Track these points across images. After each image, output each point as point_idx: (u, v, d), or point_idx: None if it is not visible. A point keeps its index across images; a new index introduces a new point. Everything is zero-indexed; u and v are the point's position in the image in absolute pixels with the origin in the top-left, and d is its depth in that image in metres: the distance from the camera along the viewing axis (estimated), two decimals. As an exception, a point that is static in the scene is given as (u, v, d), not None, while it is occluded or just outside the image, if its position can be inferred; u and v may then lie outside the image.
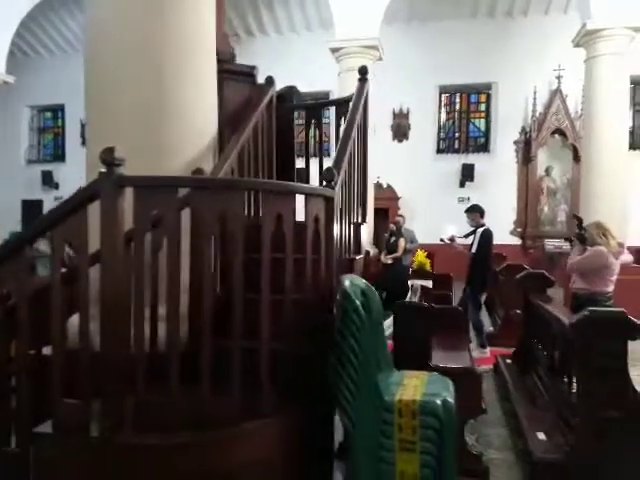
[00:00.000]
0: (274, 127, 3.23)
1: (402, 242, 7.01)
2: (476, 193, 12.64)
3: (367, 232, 3.22)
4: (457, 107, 13.48)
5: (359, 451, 1.95)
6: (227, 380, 1.82)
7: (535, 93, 12.11)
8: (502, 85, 12.61)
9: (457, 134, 13.49)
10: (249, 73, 3.26)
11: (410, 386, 2.10)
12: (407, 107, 13.12)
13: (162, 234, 1.77)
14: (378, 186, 12.78)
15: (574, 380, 3.25)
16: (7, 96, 12.61)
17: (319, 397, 1.99)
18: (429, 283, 5.40)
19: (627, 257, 8.29)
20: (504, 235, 11.94)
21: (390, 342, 2.85)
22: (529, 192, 12.35)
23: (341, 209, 2.51)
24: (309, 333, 2.01)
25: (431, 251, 11.31)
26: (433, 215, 12.71)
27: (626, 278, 7.15)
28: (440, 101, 13.44)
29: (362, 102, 3.12)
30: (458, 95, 13.44)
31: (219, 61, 3.22)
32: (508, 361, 4.90)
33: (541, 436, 3.18)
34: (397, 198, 12.86)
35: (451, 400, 1.95)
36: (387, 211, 12.69)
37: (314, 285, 2.05)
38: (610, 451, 2.80)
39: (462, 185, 12.79)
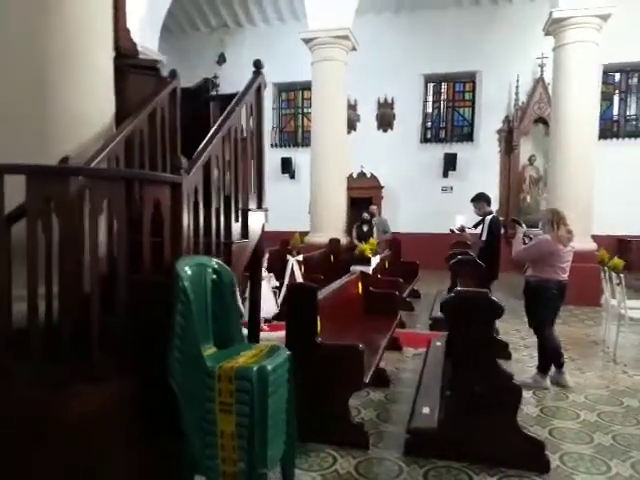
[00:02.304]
0: (178, 116, 3.39)
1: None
2: (459, 182, 12.73)
3: (262, 218, 3.39)
4: (442, 96, 13.49)
5: (187, 412, 2.16)
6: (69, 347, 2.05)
7: (518, 82, 12.10)
8: (486, 74, 12.61)
9: (443, 123, 13.52)
10: (153, 67, 3.44)
11: (245, 357, 2.30)
12: (392, 97, 13.18)
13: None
14: (362, 175, 12.95)
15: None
16: None
17: (158, 365, 2.20)
18: (368, 269, 5.56)
19: (591, 245, 8.37)
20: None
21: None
22: (511, 181, 12.37)
23: (213, 195, 2.71)
24: (147, 308, 2.22)
25: (414, 240, 11.52)
26: (417, 204, 12.84)
27: (588, 266, 7.27)
28: (426, 90, 13.47)
29: (253, 94, 3.27)
30: (444, 84, 13.45)
31: (122, 56, 3.44)
32: (438, 343, 5.07)
33: (425, 410, 3.37)
34: (380, 187, 12.97)
35: (269, 367, 2.14)
36: (370, 200, 12.80)
37: (157, 265, 2.25)
38: (475, 424, 2.98)
39: (445, 175, 12.85)
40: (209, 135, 2.76)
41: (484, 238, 5.96)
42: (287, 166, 13.53)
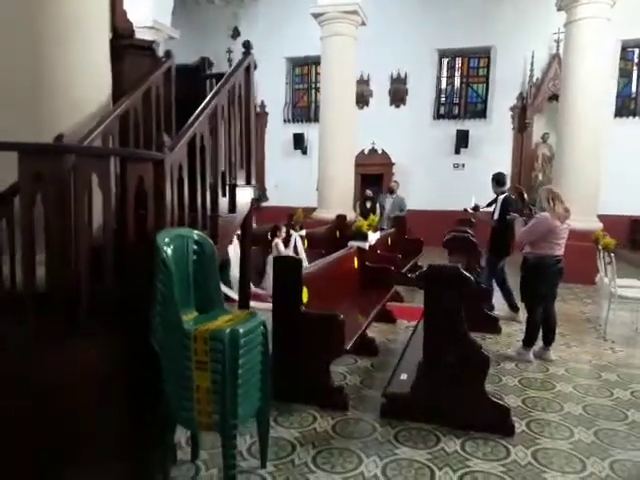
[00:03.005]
0: (173, 94, 3.54)
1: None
2: (471, 159, 12.71)
3: (250, 193, 3.57)
4: (457, 72, 13.35)
5: (167, 370, 2.39)
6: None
7: (533, 58, 11.92)
8: (501, 49, 12.44)
9: (456, 99, 13.41)
10: (149, 47, 3.59)
11: (222, 320, 2.51)
12: (405, 72, 13.09)
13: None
14: (373, 151, 12.99)
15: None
16: None
17: (143, 328, 2.42)
18: (365, 244, 5.72)
19: (596, 224, 8.39)
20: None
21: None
22: (523, 159, 12.30)
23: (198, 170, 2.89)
24: (134, 276, 2.43)
25: (424, 217, 11.58)
26: (428, 181, 12.85)
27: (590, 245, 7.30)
28: (440, 65, 13.33)
29: (242, 73, 3.41)
30: (459, 60, 13.29)
31: (119, 36, 3.60)
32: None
33: (403, 376, 3.58)
34: (391, 164, 13.01)
35: (241, 330, 2.34)
36: (381, 177, 12.89)
37: (143, 236, 2.46)
38: (446, 390, 3.17)
39: (457, 152, 12.81)
40: (195, 113, 2.93)
41: (496, 217, 6.05)
42: (299, 142, 13.62)
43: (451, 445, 2.97)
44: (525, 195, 6.51)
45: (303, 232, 6.75)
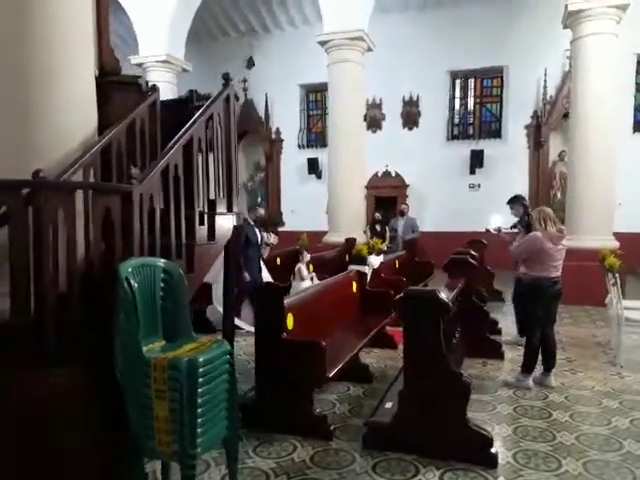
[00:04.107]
0: (159, 126, 3.65)
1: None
2: (487, 180, 12.58)
3: (231, 221, 3.61)
4: (470, 92, 13.33)
5: (129, 398, 2.41)
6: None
7: (546, 75, 11.83)
8: (513, 68, 12.39)
9: (471, 120, 13.37)
10: (134, 82, 3.72)
11: (185, 349, 2.53)
12: (417, 94, 13.14)
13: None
14: (386, 174, 13.01)
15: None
16: None
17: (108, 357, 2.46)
18: (364, 268, 5.69)
19: (613, 243, 8.16)
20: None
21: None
22: (540, 177, 12.11)
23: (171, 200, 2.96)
24: (100, 306, 2.48)
25: (439, 239, 11.44)
26: (443, 202, 12.75)
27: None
28: (453, 86, 13.35)
29: (221, 104, 3.50)
30: (472, 80, 13.29)
31: (106, 73, 3.75)
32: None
33: (388, 405, 3.51)
34: (405, 186, 12.98)
35: (200, 359, 2.35)
36: (395, 199, 12.86)
37: (105, 267, 2.52)
38: (426, 419, 3.10)
39: (472, 172, 12.70)
40: (169, 145, 3.00)
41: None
42: (314, 167, 13.74)
43: (429, 476, 2.88)
44: (529, 210, 6.38)
45: (308, 257, 6.76)
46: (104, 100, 3.52)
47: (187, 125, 3.15)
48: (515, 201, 6.27)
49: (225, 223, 3.53)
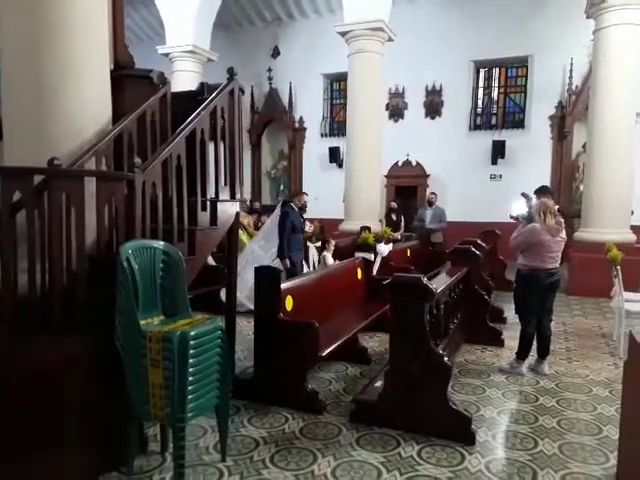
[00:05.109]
0: (169, 118, 3.88)
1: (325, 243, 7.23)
2: (509, 170, 12.50)
3: (235, 208, 3.83)
4: (494, 82, 13.20)
5: (127, 366, 2.67)
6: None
7: (572, 65, 11.62)
8: (539, 58, 12.22)
9: (494, 110, 13.25)
10: (146, 76, 3.95)
11: (181, 324, 2.77)
12: (440, 84, 13.08)
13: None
14: (407, 163, 13.04)
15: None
16: None
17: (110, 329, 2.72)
18: (371, 256, 5.85)
19: (629, 236, 8.09)
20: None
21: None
22: (563, 169, 11.96)
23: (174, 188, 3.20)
24: (105, 283, 2.74)
25: (459, 229, 11.46)
26: (464, 192, 12.73)
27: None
28: (477, 76, 13.24)
29: (226, 97, 3.70)
30: (496, 70, 13.15)
31: (120, 67, 4.00)
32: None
33: (377, 384, 3.69)
34: (426, 176, 12.99)
35: (192, 333, 2.58)
36: (415, 189, 12.91)
37: (109, 249, 2.78)
38: (409, 397, 3.28)
39: (494, 162, 12.62)
40: (172, 136, 3.24)
41: None
42: (335, 156, 13.87)
43: (408, 450, 3.07)
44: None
45: (318, 244, 6.97)
46: (117, 92, 3.78)
47: (190, 117, 3.36)
48: (542, 192, 6.28)
49: (228, 209, 3.75)
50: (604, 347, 5.31)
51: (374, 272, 6.12)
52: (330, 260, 6.81)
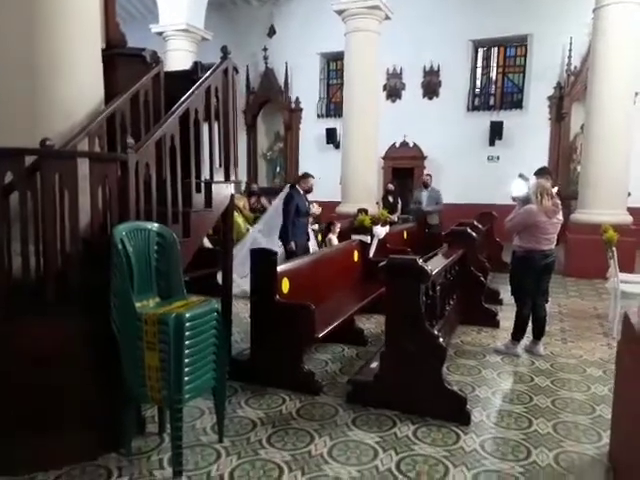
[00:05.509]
0: (162, 97, 3.82)
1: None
2: (506, 151, 12.45)
3: (229, 189, 3.80)
4: (493, 62, 13.07)
5: (123, 349, 2.67)
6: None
7: (571, 45, 11.50)
8: (538, 37, 12.08)
9: (492, 90, 13.13)
10: (138, 55, 3.88)
11: (176, 306, 2.76)
12: (438, 64, 12.94)
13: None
14: (404, 145, 12.96)
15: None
16: None
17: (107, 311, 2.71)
18: (367, 238, 5.84)
19: (625, 217, 8.09)
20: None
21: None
22: (561, 150, 11.91)
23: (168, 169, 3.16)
24: (99, 265, 2.72)
25: (457, 210, 11.45)
26: (461, 174, 12.68)
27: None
28: (475, 56, 13.10)
29: (219, 76, 3.64)
30: (495, 49, 13.01)
31: (112, 47, 3.93)
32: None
33: (373, 365, 3.71)
34: (423, 157, 12.92)
35: (187, 315, 2.57)
36: (412, 170, 12.85)
37: (103, 230, 2.76)
38: (405, 378, 3.30)
39: (492, 143, 12.56)
40: (165, 116, 3.19)
41: None
42: (332, 136, 13.76)
43: (404, 430, 3.10)
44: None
45: (316, 226, 6.95)
46: (109, 72, 3.71)
47: (183, 97, 3.31)
48: (542, 173, 6.24)
49: (222, 191, 3.72)
50: (599, 328, 5.35)
51: (371, 254, 6.12)
52: (335, 242, 6.80)
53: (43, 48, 3.13)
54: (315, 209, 6.60)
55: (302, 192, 6.36)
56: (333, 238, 6.81)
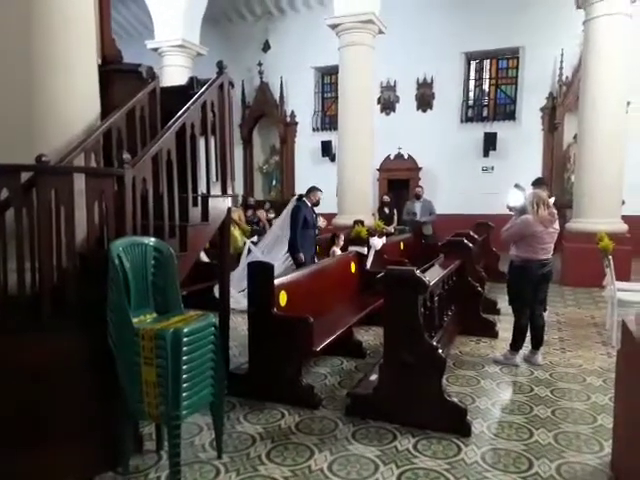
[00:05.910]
0: (158, 113, 3.84)
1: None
2: (500, 162, 12.52)
3: (226, 203, 3.80)
4: (485, 74, 13.20)
5: (120, 365, 2.64)
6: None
7: (562, 56, 11.64)
8: (530, 49, 12.22)
9: (485, 102, 13.25)
10: (134, 70, 3.90)
11: (174, 321, 2.75)
12: (431, 76, 13.05)
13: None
14: (399, 157, 13.03)
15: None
16: None
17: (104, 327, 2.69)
18: (364, 250, 5.84)
19: (620, 226, 8.12)
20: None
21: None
22: (554, 160, 12.00)
23: (165, 184, 3.16)
24: (95, 280, 2.71)
25: (451, 221, 11.48)
26: (456, 185, 12.74)
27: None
28: (468, 68, 13.23)
29: (215, 91, 3.66)
30: (487, 62, 13.15)
31: (108, 62, 3.95)
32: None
33: (372, 377, 3.69)
34: (418, 169, 12.99)
35: (185, 330, 2.56)
36: (408, 182, 12.90)
37: (100, 246, 2.75)
38: (404, 390, 3.28)
39: (486, 154, 12.63)
40: (162, 131, 3.20)
41: None
42: (327, 149, 13.82)
43: (405, 443, 3.07)
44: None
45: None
46: (106, 87, 3.73)
47: (180, 112, 3.32)
48: (538, 183, 6.28)
49: (219, 205, 3.72)
50: (597, 336, 5.34)
51: (368, 266, 6.11)
52: (339, 254, 6.76)
53: (39, 62, 3.14)
54: (321, 222, 6.57)
55: (310, 205, 6.39)
56: (337, 250, 6.79)
